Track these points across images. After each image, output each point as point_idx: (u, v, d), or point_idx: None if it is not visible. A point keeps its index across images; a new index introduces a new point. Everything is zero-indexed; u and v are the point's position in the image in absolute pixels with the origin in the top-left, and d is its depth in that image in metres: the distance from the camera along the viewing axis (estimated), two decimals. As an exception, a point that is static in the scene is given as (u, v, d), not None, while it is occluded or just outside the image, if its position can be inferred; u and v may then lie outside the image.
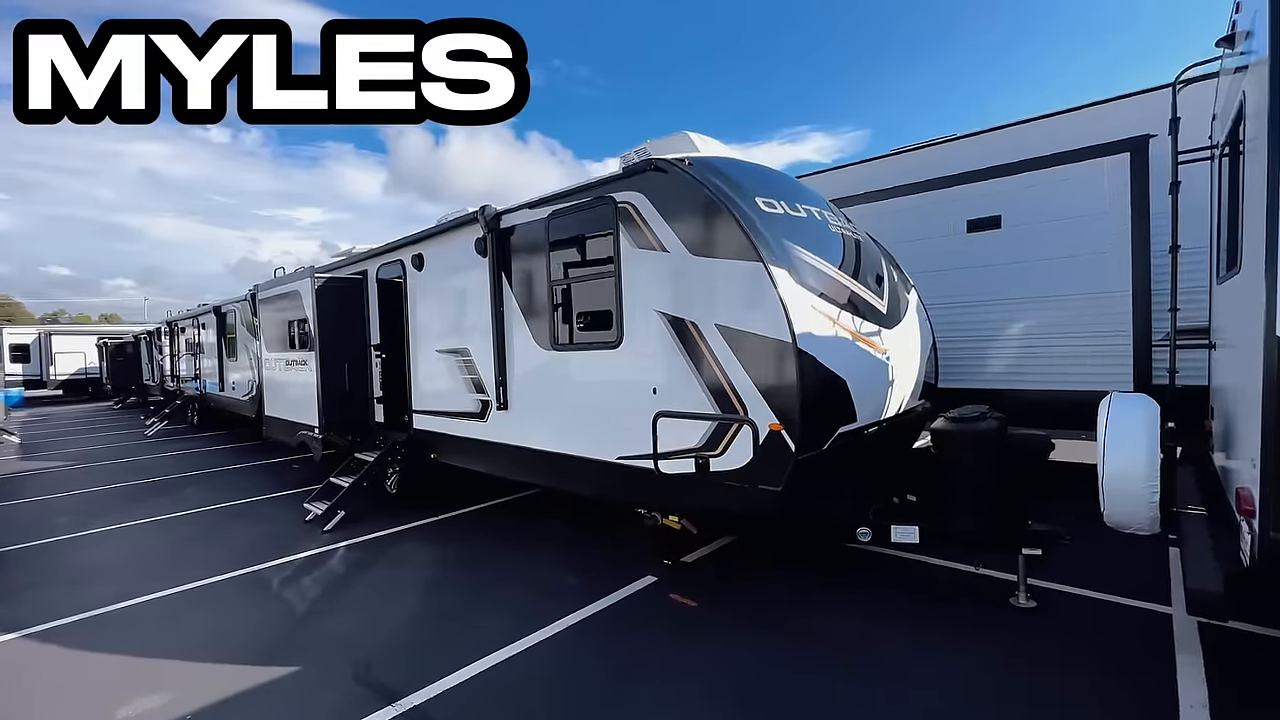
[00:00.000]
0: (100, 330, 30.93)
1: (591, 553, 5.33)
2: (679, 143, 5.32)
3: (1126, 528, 3.37)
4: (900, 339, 4.84)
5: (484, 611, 4.32)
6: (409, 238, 6.86)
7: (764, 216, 4.04)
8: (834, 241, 4.62)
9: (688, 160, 4.24)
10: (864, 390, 4.18)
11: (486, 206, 5.55)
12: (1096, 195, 5.82)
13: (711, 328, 3.96)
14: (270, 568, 5.31)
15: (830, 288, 4.16)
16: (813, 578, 4.60)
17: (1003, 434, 3.90)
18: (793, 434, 3.61)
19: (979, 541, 3.97)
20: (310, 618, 4.34)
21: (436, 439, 6.69)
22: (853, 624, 3.86)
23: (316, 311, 7.32)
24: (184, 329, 16.71)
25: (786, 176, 5.14)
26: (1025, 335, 6.35)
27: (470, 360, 6.06)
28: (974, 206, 6.59)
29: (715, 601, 4.29)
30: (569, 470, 5.05)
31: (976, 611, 3.98)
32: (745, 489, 3.83)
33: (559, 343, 5.07)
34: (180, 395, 16.90)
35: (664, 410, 4.18)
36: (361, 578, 5.10)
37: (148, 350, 21.94)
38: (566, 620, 4.10)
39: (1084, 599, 4.06)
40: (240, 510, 7.32)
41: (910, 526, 4.10)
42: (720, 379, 3.93)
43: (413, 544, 5.88)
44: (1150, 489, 3.19)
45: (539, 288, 5.21)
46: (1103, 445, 3.32)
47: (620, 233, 4.49)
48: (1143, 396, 3.46)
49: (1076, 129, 6.09)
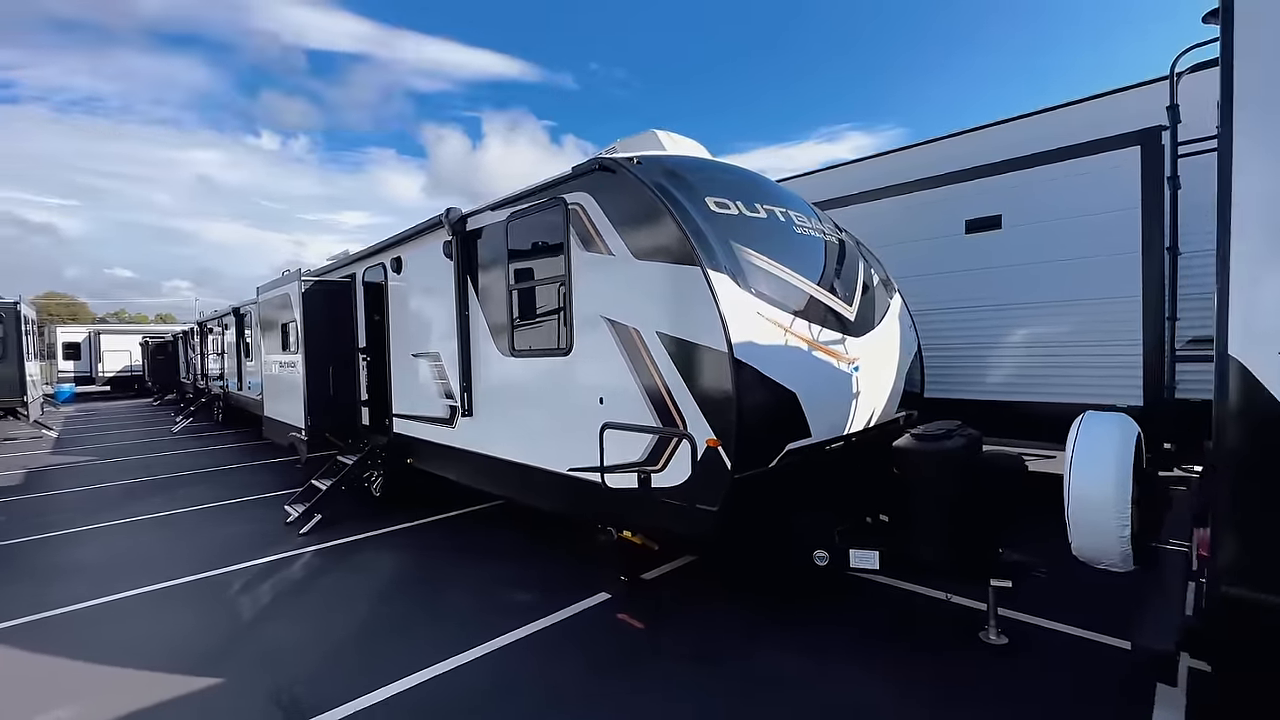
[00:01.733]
0: (145, 329, 32.39)
1: (552, 565, 5.17)
2: (646, 142, 5.14)
3: (1097, 563, 3.02)
4: (873, 347, 4.52)
5: (428, 624, 4.20)
6: (389, 240, 6.83)
7: (711, 218, 3.80)
8: (797, 244, 4.34)
9: (636, 159, 4.03)
10: (821, 403, 3.89)
11: (451, 209, 5.45)
12: (1103, 192, 5.36)
13: (653, 335, 3.75)
14: (234, 571, 5.31)
15: (784, 293, 3.89)
16: (773, 602, 4.33)
17: (969, 454, 3.57)
18: (729, 450, 3.36)
19: (941, 571, 3.65)
20: (254, 626, 4.29)
21: (413, 444, 6.64)
22: (802, 659, 3.58)
23: (303, 314, 7.38)
24: (211, 329, 17.28)
25: (752, 176, 4.87)
26: (1026, 343, 5.92)
27: (441, 365, 5.97)
28: (973, 205, 6.18)
29: (662, 624, 4.07)
30: (527, 480, 4.90)
31: (941, 647, 3.66)
32: (684, 508, 3.60)
33: (516, 349, 4.93)
34: (207, 393, 17.49)
35: (610, 421, 3.98)
36: (318, 584, 5.05)
37: (183, 349, 22.84)
38: (509, 637, 3.95)
39: (1061, 635, 3.69)
40: (229, 510, 7.42)
41: (870, 551, 3.80)
42: (661, 390, 3.71)
43: (380, 550, 5.82)
44: (1120, 521, 2.83)
45: (499, 292, 5.08)
46: (1069, 470, 2.97)
47: (570, 235, 4.31)
48: (1119, 416, 3.09)
49: (1085, 122, 5.64)
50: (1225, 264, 1.86)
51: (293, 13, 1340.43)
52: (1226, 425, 1.86)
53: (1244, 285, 1.84)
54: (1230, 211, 1.86)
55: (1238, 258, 1.85)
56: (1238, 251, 1.85)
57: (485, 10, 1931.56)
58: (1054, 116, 5.88)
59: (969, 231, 6.21)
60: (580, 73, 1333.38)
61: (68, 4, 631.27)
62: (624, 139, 5.35)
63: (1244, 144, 1.83)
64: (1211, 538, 1.92)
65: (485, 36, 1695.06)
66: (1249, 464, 1.83)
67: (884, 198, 6.85)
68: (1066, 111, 5.88)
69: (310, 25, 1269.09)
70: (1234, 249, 1.85)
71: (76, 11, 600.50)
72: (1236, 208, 1.85)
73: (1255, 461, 1.82)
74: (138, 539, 6.36)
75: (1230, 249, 1.85)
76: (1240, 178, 1.84)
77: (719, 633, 3.94)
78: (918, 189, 6.58)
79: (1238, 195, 1.84)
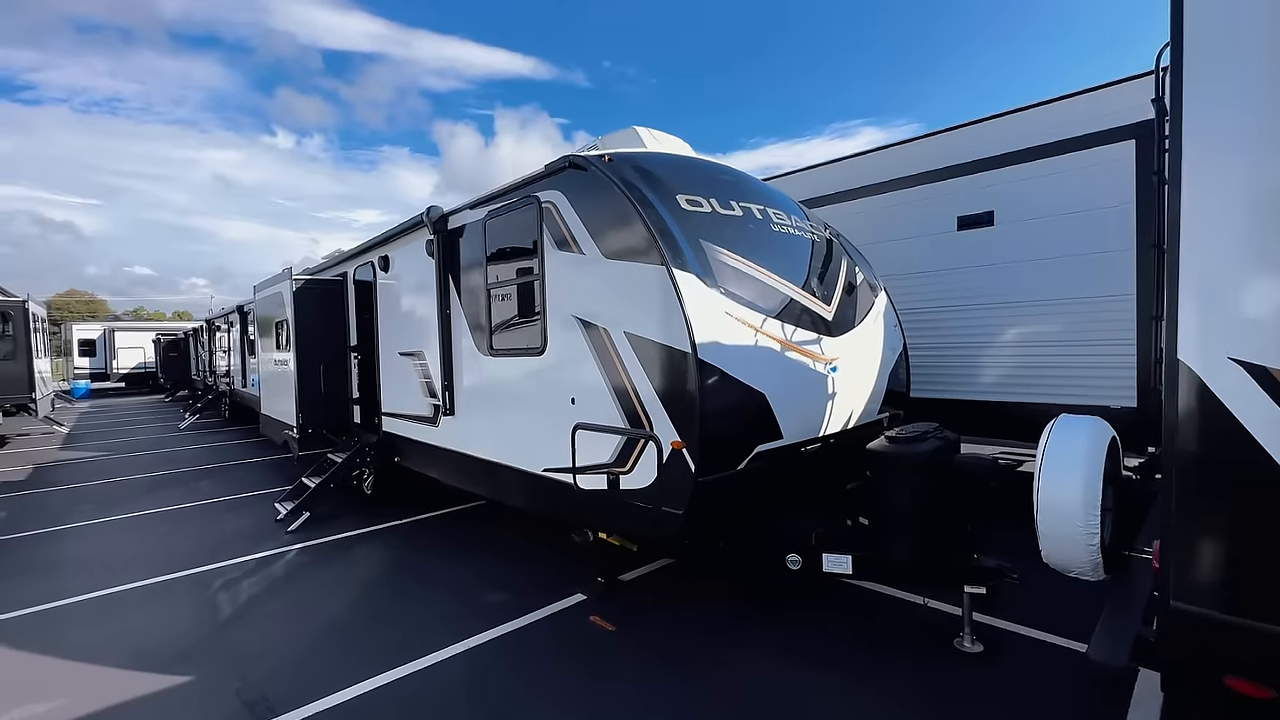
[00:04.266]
0: (158, 326, 32.88)
1: (534, 565, 5.15)
2: (627, 139, 5.09)
3: (1067, 571, 2.93)
4: (853, 347, 4.44)
5: (402, 624, 4.19)
6: (377, 239, 6.84)
7: (682, 216, 3.74)
8: (774, 242, 4.27)
9: (608, 157, 3.98)
10: (793, 404, 3.82)
11: (432, 207, 5.43)
12: (1097, 188, 5.22)
13: (621, 335, 3.70)
14: (218, 569, 5.35)
15: (756, 293, 3.82)
16: (748, 605, 4.27)
17: (943, 457, 3.49)
18: (693, 453, 3.31)
19: (914, 576, 3.58)
20: (229, 624, 4.31)
21: (401, 442, 6.65)
22: (774, 665, 3.51)
23: (294, 313, 7.41)
24: (218, 327, 17.49)
25: (731, 173, 4.79)
26: (1018, 342, 5.79)
27: (425, 364, 5.97)
28: (965, 202, 6.05)
29: (633, 627, 4.03)
30: (504, 480, 4.88)
31: (915, 654, 3.58)
32: (651, 510, 3.55)
33: (494, 348, 4.90)
34: (215, 390, 17.71)
35: (581, 422, 3.94)
36: (298, 583, 5.06)
37: (194, 346, 23.15)
38: (481, 637, 3.95)
39: (1037, 642, 3.61)
40: (222, 507, 7.49)
41: (843, 555, 3.73)
42: (629, 391, 3.66)
43: (365, 549, 5.84)
44: (1088, 530, 2.74)
45: (479, 291, 5.05)
46: (1037, 477, 2.88)
47: (543, 234, 4.27)
48: (1092, 420, 3.00)
49: (1080, 116, 5.49)
50: (1175, 263, 1.78)
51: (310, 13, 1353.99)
52: (1175, 434, 1.78)
53: (1194, 286, 1.76)
54: (1180, 211, 1.77)
55: (1188, 256, 1.76)
56: (1188, 250, 1.76)
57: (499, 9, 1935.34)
58: (1049, 110, 5.73)
59: (961, 228, 6.09)
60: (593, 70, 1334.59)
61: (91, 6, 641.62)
62: (605, 136, 5.31)
63: (1194, 138, 1.75)
64: (1160, 550, 1.84)
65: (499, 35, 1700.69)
66: (1197, 475, 1.75)
67: (875, 194, 6.74)
68: (1061, 105, 5.73)
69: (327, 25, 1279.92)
70: (1184, 248, 1.77)
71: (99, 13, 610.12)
72: (1186, 208, 1.76)
73: (1203, 473, 1.74)
74: (128, 535, 6.43)
75: (1180, 248, 1.77)
76: (1190, 176, 1.75)
77: (692, 636, 3.89)
78: (910, 185, 6.46)
79: (1187, 195, 1.76)
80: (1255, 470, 1.63)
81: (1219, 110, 1.69)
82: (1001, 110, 6.11)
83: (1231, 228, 1.69)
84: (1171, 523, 1.79)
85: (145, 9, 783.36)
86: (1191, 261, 1.75)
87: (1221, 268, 1.71)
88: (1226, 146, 1.69)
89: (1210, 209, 1.72)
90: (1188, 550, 1.77)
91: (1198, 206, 1.74)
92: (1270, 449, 1.60)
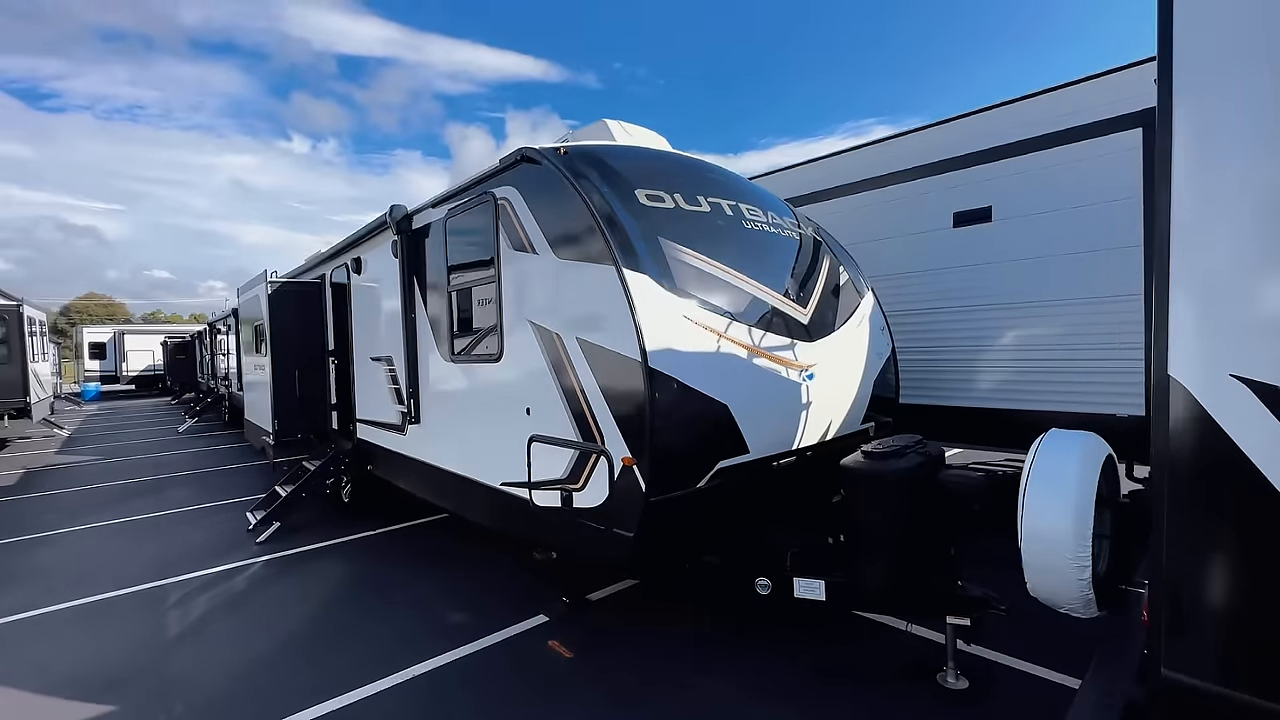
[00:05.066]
0: (167, 329, 33.14)
1: (502, 580, 4.90)
2: (597, 133, 4.82)
3: (1057, 606, 2.61)
4: (833, 352, 4.12)
5: (349, 650, 3.94)
6: (350, 239, 6.62)
7: (637, 211, 3.46)
8: (745, 240, 3.97)
9: (563, 149, 3.70)
10: (761, 415, 3.52)
11: (395, 206, 5.20)
12: (1102, 180, 4.86)
13: (574, 341, 3.42)
14: (176, 583, 5.14)
15: (721, 294, 3.53)
16: (718, 628, 3.97)
17: (925, 474, 3.17)
18: (643, 470, 3.02)
19: (891, 605, 3.26)
20: (172, 646, 4.08)
21: (373, 450, 6.43)
22: (733, 693, 3.24)
23: (270, 316, 7.23)
24: (219, 330, 17.47)
25: (702, 167, 4.49)
26: (1018, 345, 5.42)
27: (394, 369, 5.73)
28: (961, 197, 5.70)
29: (591, 653, 3.75)
30: (465, 493, 4.62)
31: (893, 689, 3.27)
32: (602, 532, 3.27)
33: (455, 353, 4.65)
34: (216, 393, 17.70)
35: (537, 434, 3.67)
36: (256, 600, 4.84)
37: (198, 349, 23.23)
38: (430, 663, 3.70)
39: (1031, 678, 3.28)
40: (200, 515, 7.31)
41: (816, 580, 3.42)
42: (581, 401, 3.38)
43: (331, 561, 5.62)
44: (1079, 562, 2.42)
45: (441, 293, 4.80)
46: (1021, 501, 2.56)
47: (499, 232, 4.01)
48: (1084, 435, 2.67)
49: (1084, 104, 5.13)
50: (1165, 267, 1.47)
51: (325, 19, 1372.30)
52: (1166, 464, 1.46)
53: (1191, 293, 1.45)
54: (1170, 217, 1.46)
55: (1180, 260, 1.45)
56: (1180, 254, 1.45)
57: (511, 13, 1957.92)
58: (1051, 99, 5.37)
59: (957, 225, 5.74)
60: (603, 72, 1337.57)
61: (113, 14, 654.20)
62: (576, 130, 5.04)
63: (1185, 135, 1.44)
64: (1149, 602, 1.52)
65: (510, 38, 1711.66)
66: (1192, 515, 1.44)
67: (867, 190, 6.40)
68: (1064, 93, 5.36)
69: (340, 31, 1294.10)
70: (1175, 251, 1.46)
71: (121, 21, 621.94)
72: (1176, 213, 1.45)
73: (1199, 512, 1.42)
74: (99, 545, 6.26)
75: (1171, 252, 1.46)
76: (1181, 178, 1.45)
77: (654, 662, 3.61)
78: (903, 180, 6.11)
79: (1177, 200, 1.45)
80: (1264, 512, 1.31)
81: (1212, 104, 1.38)
82: (1001, 100, 5.76)
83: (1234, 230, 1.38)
84: (1161, 576, 1.48)
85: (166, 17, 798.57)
86: (1187, 263, 1.44)
87: (1223, 274, 1.40)
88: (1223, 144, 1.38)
89: (1206, 214, 1.41)
90: (1182, 608, 1.45)
91: (1190, 212, 1.43)
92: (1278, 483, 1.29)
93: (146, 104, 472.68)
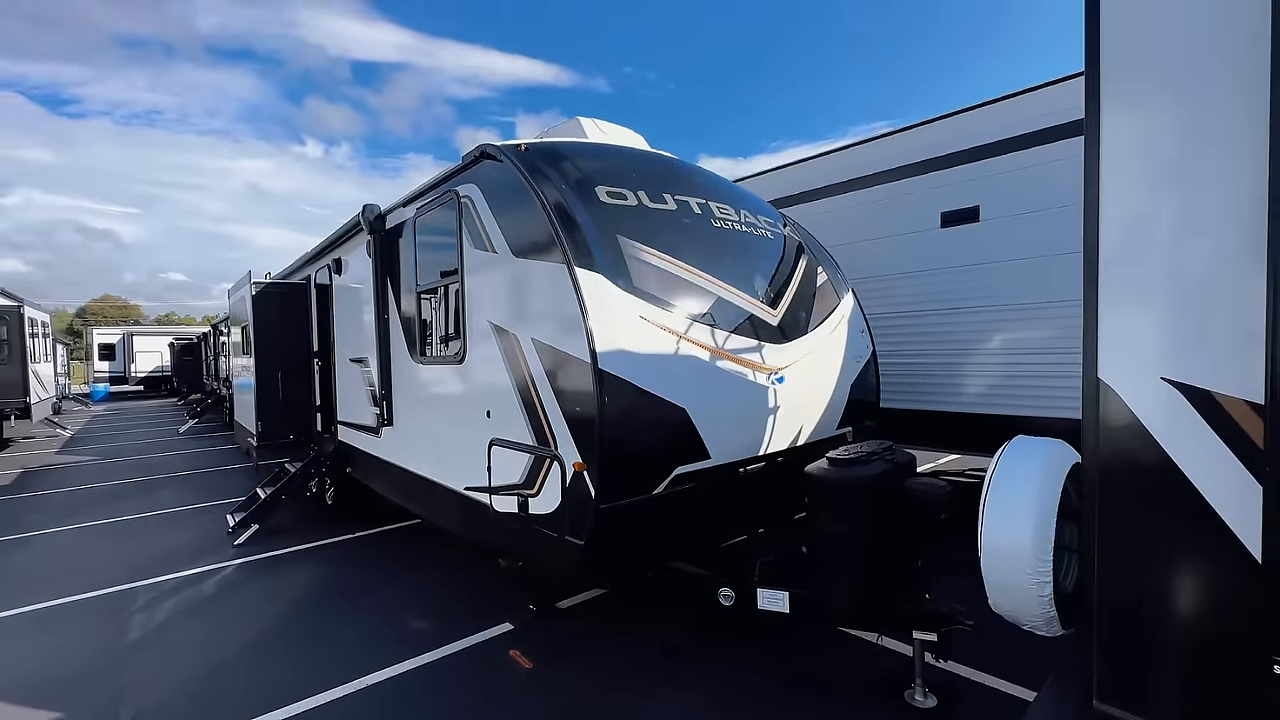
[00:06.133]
0: (175, 330, 33.48)
1: (474, 586, 4.81)
2: (570, 130, 4.74)
3: (1019, 623, 2.46)
4: (805, 355, 4.00)
5: (308, 657, 3.86)
6: (331, 239, 6.57)
7: (595, 208, 3.36)
8: (712, 239, 3.86)
9: (524, 146, 3.61)
10: (724, 419, 3.41)
11: (368, 206, 5.14)
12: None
13: (529, 342, 3.33)
14: (148, 585, 5.10)
15: (682, 294, 3.42)
16: (688, 638, 3.85)
17: (891, 482, 3.03)
18: (593, 476, 2.91)
19: (856, 619, 3.13)
20: (130, 652, 4.01)
21: (352, 453, 6.37)
22: (697, 704, 3.12)
23: (254, 317, 7.20)
24: (221, 330, 17.58)
25: (672, 164, 4.38)
26: (1006, 349, 5.26)
27: (369, 371, 5.67)
28: (949, 197, 5.56)
29: (552, 663, 3.64)
30: (432, 497, 4.54)
31: (858, 707, 3.13)
32: (555, 539, 3.16)
33: (424, 355, 4.57)
34: (218, 394, 17.81)
35: (496, 437, 3.58)
36: (225, 603, 4.77)
37: (204, 350, 23.42)
38: (386, 672, 3.61)
39: (1002, 695, 3.13)
40: (185, 516, 7.29)
41: (780, 592, 3.30)
42: (537, 405, 3.29)
43: (307, 565, 5.55)
44: (1039, 578, 2.28)
45: (411, 293, 4.73)
46: (981, 514, 2.42)
47: (462, 230, 3.93)
48: (1048, 443, 2.53)
49: (1073, 100, 4.96)
50: (1094, 268, 1.35)
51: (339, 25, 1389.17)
52: (1095, 472, 1.34)
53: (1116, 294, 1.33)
54: (1098, 220, 1.34)
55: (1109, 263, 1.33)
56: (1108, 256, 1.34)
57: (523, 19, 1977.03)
58: (1040, 96, 5.22)
59: (944, 225, 5.59)
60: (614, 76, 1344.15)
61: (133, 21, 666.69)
62: (551, 128, 4.96)
63: (1113, 137, 1.33)
64: (1079, 631, 1.39)
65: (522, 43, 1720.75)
66: (1121, 526, 1.31)
67: (855, 190, 6.27)
68: (1055, 89, 5.21)
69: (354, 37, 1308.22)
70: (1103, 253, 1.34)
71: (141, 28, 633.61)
72: (1105, 217, 1.34)
73: (1128, 522, 1.30)
74: (79, 547, 6.24)
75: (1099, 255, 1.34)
76: (1108, 180, 1.33)
77: (617, 672, 3.49)
78: (890, 179, 5.98)
79: (1106, 202, 1.33)
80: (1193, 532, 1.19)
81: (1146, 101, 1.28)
82: (992, 98, 5.61)
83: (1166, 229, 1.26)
84: (1093, 601, 1.35)
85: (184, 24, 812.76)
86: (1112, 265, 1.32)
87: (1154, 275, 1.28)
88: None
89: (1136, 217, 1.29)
90: (1112, 635, 1.33)
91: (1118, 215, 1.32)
92: (1211, 498, 1.16)
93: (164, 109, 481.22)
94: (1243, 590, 1.12)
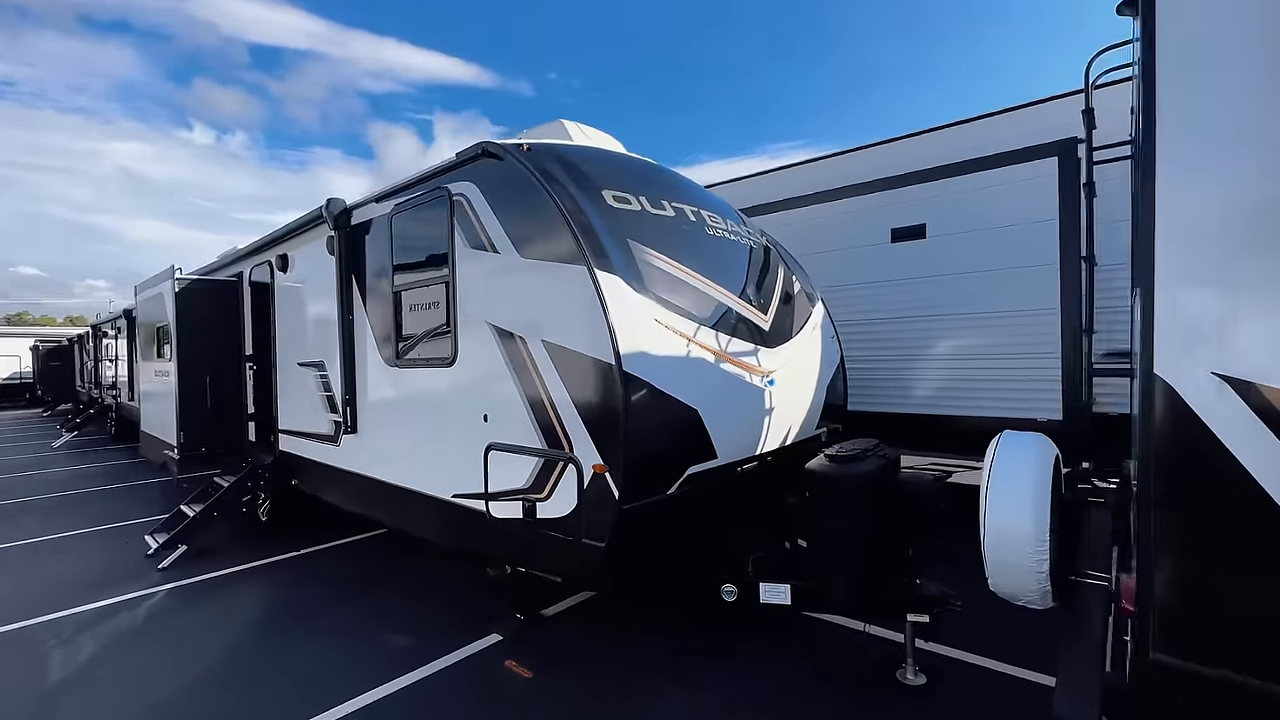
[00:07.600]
0: (38, 332, 29.41)
1: (446, 599, 4.61)
2: (553, 132, 4.69)
3: (1015, 599, 2.73)
4: (791, 359, 4.20)
5: (277, 685, 3.55)
6: (275, 234, 6.11)
7: (607, 213, 3.38)
8: (708, 246, 3.98)
9: (526, 146, 3.57)
10: (728, 420, 3.52)
11: (333, 200, 4.84)
12: (1023, 203, 5.27)
13: (539, 345, 3.29)
14: (57, 620, 4.48)
15: (689, 299, 3.51)
16: (688, 635, 3.90)
17: (884, 477, 3.26)
18: (616, 477, 2.93)
19: (855, 605, 3.32)
20: (48, 697, 3.51)
21: (299, 463, 5.92)
22: (705, 704, 3.17)
23: (176, 316, 6.54)
24: (105, 333, 15.70)
25: (662, 171, 4.49)
26: (951, 355, 5.77)
27: (326, 375, 5.31)
28: (899, 214, 6.02)
29: (552, 670, 3.57)
30: (410, 507, 4.32)
31: (854, 688, 3.32)
32: (570, 543, 3.13)
33: (401, 358, 4.36)
34: (100, 403, 15.87)
35: (495, 442, 3.48)
36: (158, 635, 4.27)
37: (79, 354, 20.77)
38: (375, 693, 3.38)
39: (984, 671, 3.42)
40: (86, 539, 6.46)
41: (781, 585, 3.43)
42: (547, 407, 3.24)
43: (250, 587, 5.09)
44: (1038, 557, 2.55)
45: (384, 293, 4.50)
46: (984, 502, 2.67)
47: (454, 229, 3.80)
48: (1036, 437, 2.83)
49: (1013, 131, 5.55)
50: (1149, 266, 1.56)
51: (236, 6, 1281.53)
52: (1154, 461, 1.54)
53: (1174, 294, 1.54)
54: (1154, 222, 1.55)
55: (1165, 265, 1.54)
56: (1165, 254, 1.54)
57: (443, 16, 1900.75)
58: (983, 125, 5.79)
59: (894, 240, 6.05)
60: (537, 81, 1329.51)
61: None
62: (530, 129, 4.90)
63: (1169, 144, 1.53)
64: (1137, 591, 1.60)
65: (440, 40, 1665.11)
66: (1181, 507, 1.52)
67: (813, 204, 6.65)
68: (996, 120, 5.80)
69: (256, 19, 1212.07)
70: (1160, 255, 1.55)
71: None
72: (1161, 217, 1.55)
73: (1188, 505, 1.51)
74: (-47, 580, 5.38)
75: (1155, 255, 1.55)
76: (1165, 185, 1.54)
77: (619, 674, 3.49)
78: (847, 195, 6.39)
79: (1162, 205, 1.54)
80: (1250, 508, 1.40)
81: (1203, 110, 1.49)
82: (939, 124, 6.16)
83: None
84: (1151, 561, 1.55)
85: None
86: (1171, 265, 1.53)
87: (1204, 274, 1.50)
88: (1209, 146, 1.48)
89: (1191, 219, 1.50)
90: (1172, 593, 1.53)
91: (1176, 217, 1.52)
92: (1264, 481, 1.38)
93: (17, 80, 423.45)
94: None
